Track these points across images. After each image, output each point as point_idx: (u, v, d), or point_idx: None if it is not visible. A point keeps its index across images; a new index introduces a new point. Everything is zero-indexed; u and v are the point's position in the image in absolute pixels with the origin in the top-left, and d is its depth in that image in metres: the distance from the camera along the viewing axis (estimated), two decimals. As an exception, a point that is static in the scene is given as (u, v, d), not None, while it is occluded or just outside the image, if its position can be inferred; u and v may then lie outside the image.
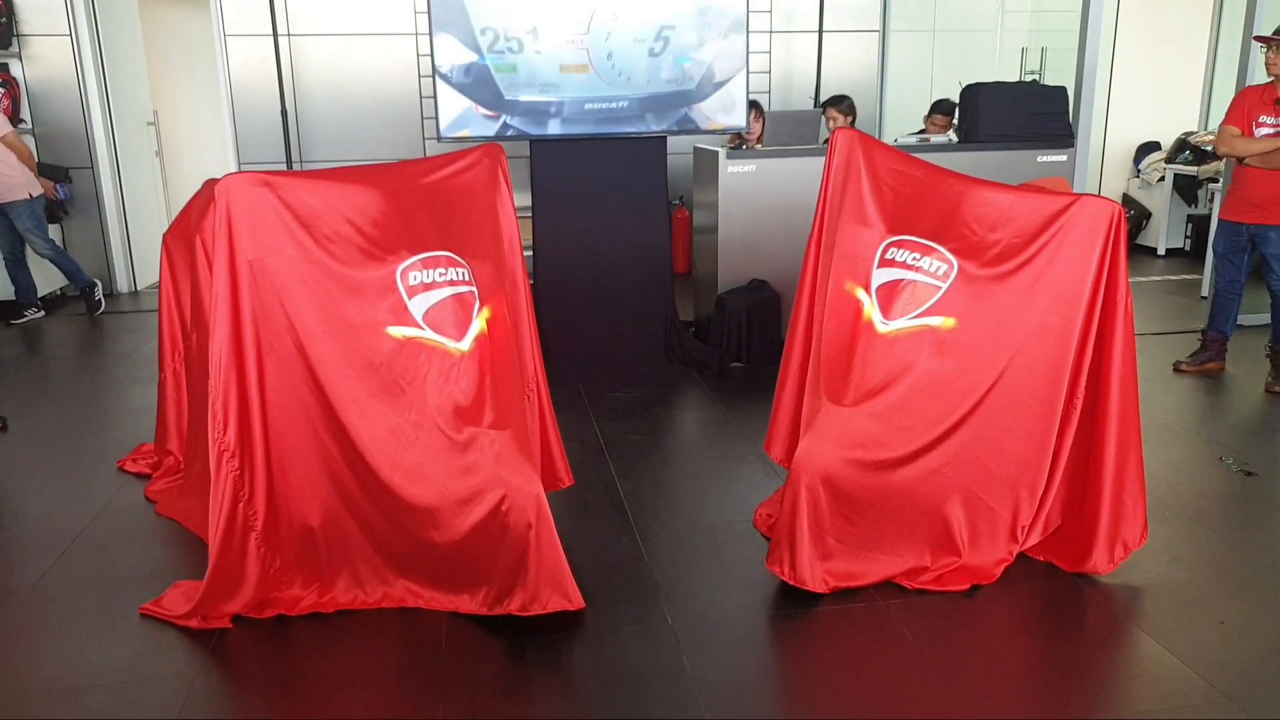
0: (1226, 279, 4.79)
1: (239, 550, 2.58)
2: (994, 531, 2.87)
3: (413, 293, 2.67)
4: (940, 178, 3.08)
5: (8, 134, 5.88)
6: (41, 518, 3.35)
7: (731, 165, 5.10)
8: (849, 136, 3.09)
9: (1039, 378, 2.82)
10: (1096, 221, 2.78)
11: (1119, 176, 8.47)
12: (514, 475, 2.53)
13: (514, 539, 2.51)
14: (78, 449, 4.00)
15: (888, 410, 2.81)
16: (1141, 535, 2.86)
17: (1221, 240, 4.78)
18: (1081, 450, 2.88)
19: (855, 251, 3.02)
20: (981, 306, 2.87)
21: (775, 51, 7.45)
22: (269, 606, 2.64)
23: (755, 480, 3.59)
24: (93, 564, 3.00)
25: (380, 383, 2.61)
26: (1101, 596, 2.77)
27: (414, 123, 7.07)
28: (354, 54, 6.93)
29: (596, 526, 3.23)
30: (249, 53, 6.81)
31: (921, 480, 2.77)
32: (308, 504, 2.65)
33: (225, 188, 2.54)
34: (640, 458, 3.86)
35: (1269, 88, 4.53)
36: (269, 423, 2.59)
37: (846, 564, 2.77)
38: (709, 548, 3.09)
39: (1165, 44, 8.22)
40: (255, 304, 2.55)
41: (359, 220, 2.69)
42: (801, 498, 2.68)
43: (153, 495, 3.46)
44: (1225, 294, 4.81)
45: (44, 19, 6.55)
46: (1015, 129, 5.37)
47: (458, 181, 2.97)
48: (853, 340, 2.93)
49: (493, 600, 2.59)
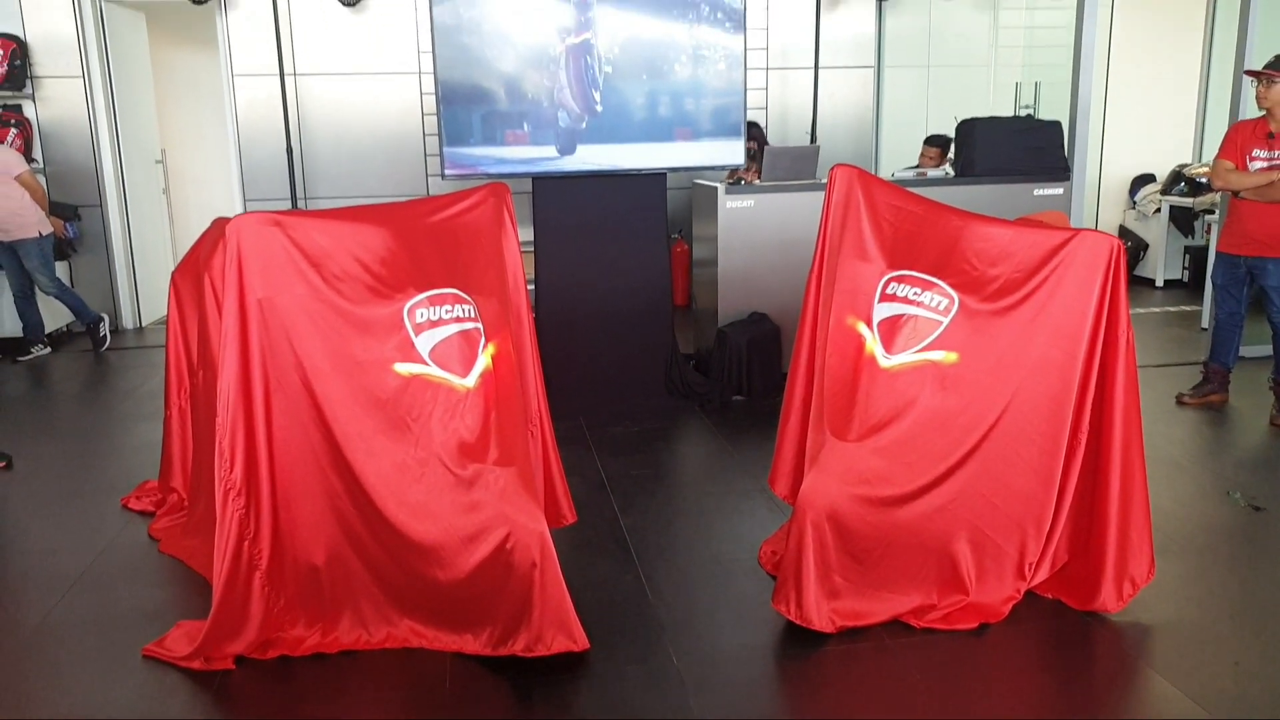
0: (1226, 311, 4.81)
1: (243, 589, 2.58)
2: (1001, 569, 2.86)
3: (419, 330, 2.69)
4: (939, 213, 3.11)
5: (23, 173, 5.94)
6: (45, 555, 3.34)
7: (730, 200, 5.14)
8: (848, 172, 3.12)
9: (1042, 412, 2.83)
10: (1096, 256, 2.80)
11: (1115, 209, 8.52)
12: (518, 513, 2.53)
13: (518, 578, 2.50)
14: (82, 486, 4.00)
15: (892, 446, 2.81)
16: (1149, 572, 2.85)
17: (1220, 273, 4.81)
18: (1087, 486, 2.88)
19: (856, 286, 3.04)
20: (983, 341, 2.88)
21: (771, 87, 7.55)
22: (272, 647, 2.63)
23: (759, 516, 3.59)
24: (96, 603, 2.99)
25: (387, 419, 2.61)
26: (1112, 635, 2.75)
27: (417, 161, 7.14)
28: (359, 93, 7.03)
29: (599, 564, 3.22)
30: (256, 92, 6.90)
31: (928, 517, 2.77)
32: (313, 542, 2.65)
33: (236, 227, 2.56)
34: (643, 493, 3.86)
35: (1261, 121, 4.58)
36: (275, 460, 2.59)
37: (853, 603, 2.76)
38: (713, 585, 3.08)
39: (1157, 78, 8.31)
40: (264, 342, 2.56)
41: (367, 259, 2.72)
42: (807, 535, 2.68)
43: (156, 533, 3.45)
44: (1226, 326, 4.82)
45: (58, 61, 6.65)
46: (1011, 163, 5.42)
47: (464, 220, 3.00)
48: (855, 375, 2.94)
49: (497, 641, 2.58)
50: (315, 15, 6.86)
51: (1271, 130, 4.52)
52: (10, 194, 5.90)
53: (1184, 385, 4.98)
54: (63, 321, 6.65)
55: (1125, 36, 8.12)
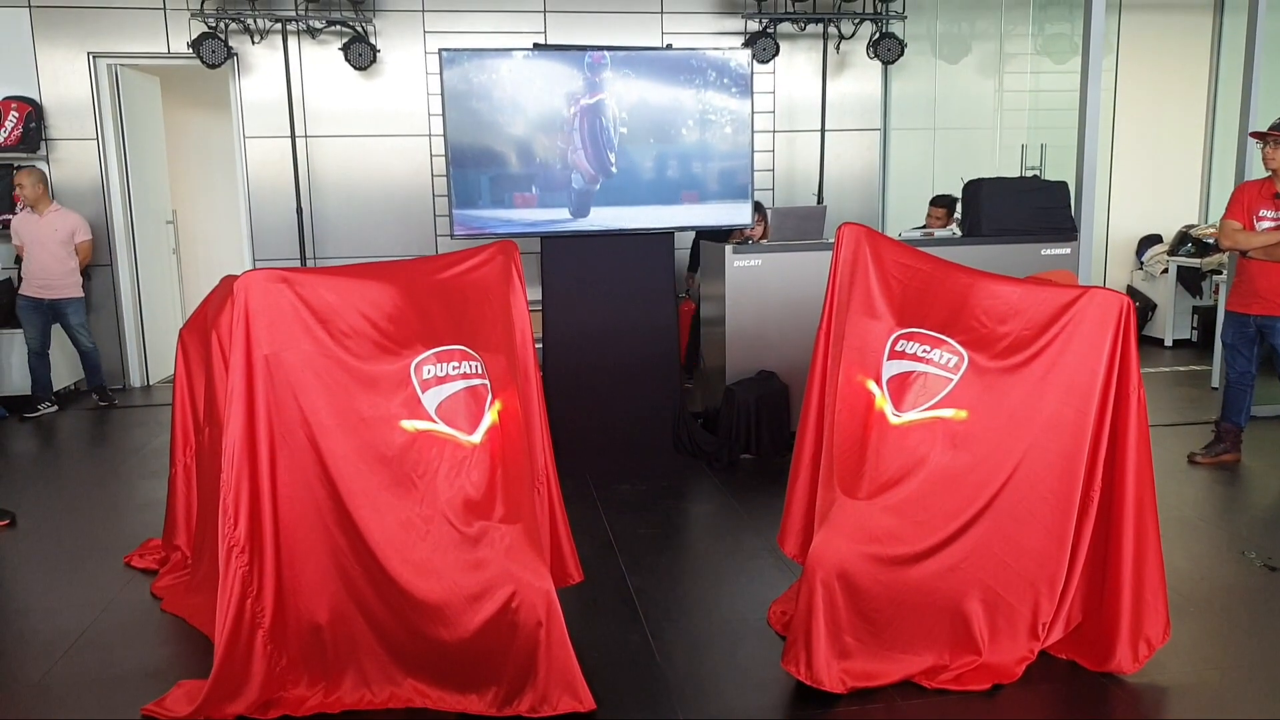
0: (1237, 370, 4.80)
1: (245, 648, 2.54)
2: (1014, 629, 2.81)
3: (426, 386, 2.69)
4: (947, 271, 3.12)
5: (86, 240, 6.38)
6: (47, 613, 3.31)
7: (738, 260, 5.18)
8: (855, 231, 3.14)
9: (1054, 471, 2.80)
10: (1106, 314, 2.80)
11: (1122, 268, 8.56)
12: (524, 571, 2.50)
13: (524, 637, 2.47)
14: (85, 544, 3.97)
15: (902, 504, 2.78)
16: (1165, 632, 2.80)
17: (1229, 331, 4.82)
18: (1100, 545, 2.84)
19: (865, 344, 3.04)
20: (993, 399, 2.86)
21: (778, 149, 7.65)
22: (274, 707, 2.58)
23: (768, 576, 3.54)
24: (96, 662, 2.95)
25: (392, 476, 2.60)
26: (1128, 697, 2.69)
27: (427, 221, 7.22)
28: (369, 154, 7.14)
29: (606, 624, 3.17)
30: (266, 153, 7.02)
31: (939, 576, 2.73)
32: (316, 600, 2.61)
33: (245, 284, 2.58)
34: (650, 552, 3.81)
35: (1267, 182, 4.62)
36: (280, 517, 2.57)
37: (864, 663, 2.71)
38: (722, 646, 3.03)
39: (1162, 139, 8.41)
40: (270, 398, 2.57)
41: (375, 315, 2.73)
42: (818, 594, 2.64)
43: (159, 591, 3.42)
44: (1237, 385, 4.81)
45: (72, 123, 6.78)
46: (1018, 223, 5.45)
47: (472, 277, 3.02)
48: (865, 432, 2.92)
49: (502, 701, 2.53)
50: (327, 79, 7.00)
51: (1278, 190, 4.55)
52: (68, 255, 6.27)
53: (1195, 444, 4.94)
54: (70, 380, 6.67)
55: (1129, 98, 8.23)
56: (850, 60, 7.62)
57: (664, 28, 7.34)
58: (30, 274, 6.22)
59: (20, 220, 6.27)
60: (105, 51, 6.79)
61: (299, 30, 6.85)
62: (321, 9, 6.76)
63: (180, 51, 6.71)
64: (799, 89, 7.62)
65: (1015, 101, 7.99)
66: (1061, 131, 6.18)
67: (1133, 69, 8.26)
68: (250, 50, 6.88)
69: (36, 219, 6.23)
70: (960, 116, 8.14)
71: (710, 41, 7.26)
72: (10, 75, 6.65)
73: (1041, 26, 7.88)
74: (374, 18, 6.89)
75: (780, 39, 7.16)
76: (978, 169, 6.28)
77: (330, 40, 6.92)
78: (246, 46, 6.85)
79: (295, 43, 6.89)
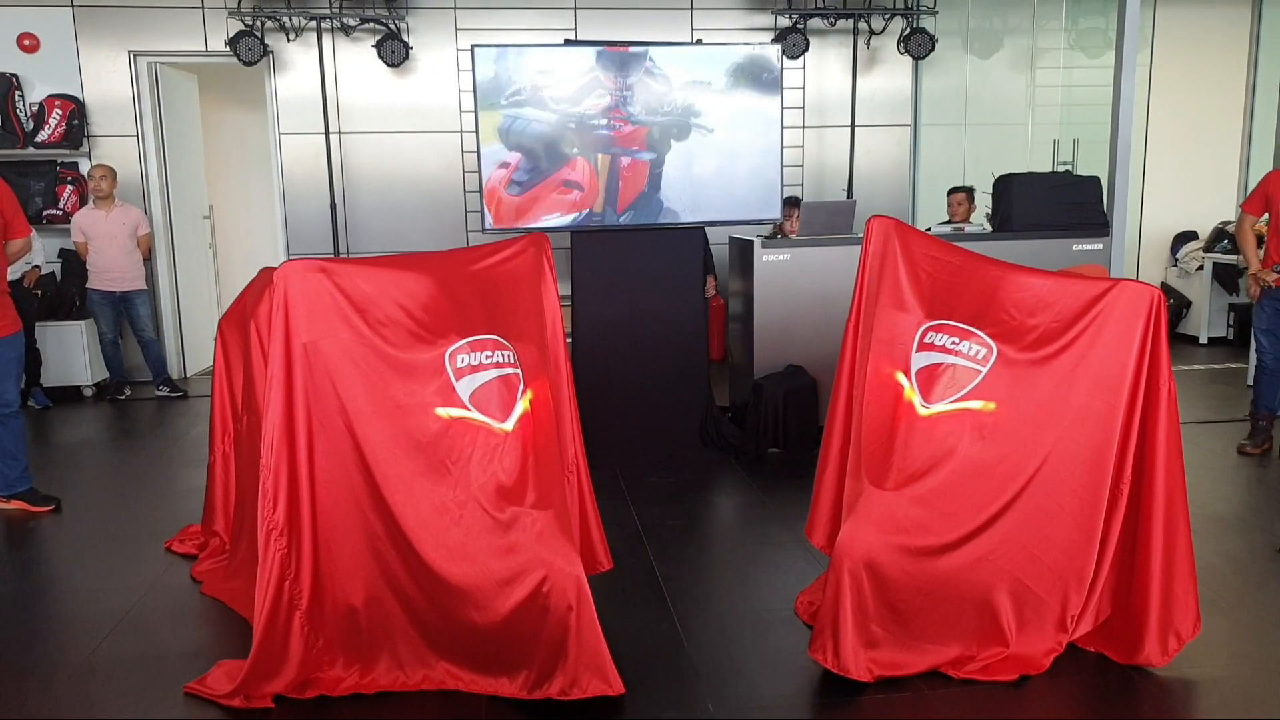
0: (1274, 355, 4.85)
1: (283, 629, 2.60)
2: (1042, 621, 2.82)
3: (460, 375, 2.74)
4: (977, 263, 3.12)
5: (148, 233, 6.61)
6: (91, 595, 3.40)
7: (766, 254, 5.19)
8: (884, 223, 3.15)
9: (1083, 463, 2.80)
10: (1136, 306, 2.80)
11: (1156, 265, 8.47)
12: (555, 556, 2.54)
13: (554, 621, 2.51)
14: (127, 529, 4.07)
15: (930, 495, 2.79)
16: (1195, 626, 2.79)
17: (1265, 317, 4.87)
18: (1129, 538, 2.83)
19: (894, 336, 3.05)
20: (1022, 391, 2.87)
21: (808, 145, 7.64)
22: (310, 687, 2.64)
23: (796, 567, 3.56)
24: (139, 642, 3.03)
25: (427, 462, 2.65)
26: (1157, 690, 2.69)
27: (458, 215, 7.30)
28: (401, 150, 7.22)
29: (635, 612, 3.21)
30: (301, 149, 7.13)
31: (967, 567, 2.74)
32: (352, 583, 2.67)
33: (284, 274, 2.64)
34: (678, 543, 3.85)
35: None
36: (317, 502, 2.63)
37: (891, 653, 2.73)
38: (749, 635, 3.05)
39: (1198, 134, 8.31)
40: (308, 385, 2.62)
41: (410, 305, 2.78)
42: (845, 584, 2.66)
43: (198, 575, 3.50)
44: (1274, 372, 4.87)
45: (114, 121, 6.94)
46: (1049, 218, 5.42)
47: (505, 268, 3.06)
48: (894, 423, 2.93)
49: (532, 684, 2.57)
50: (360, 76, 7.10)
51: None
52: (134, 249, 6.50)
53: (1230, 442, 4.92)
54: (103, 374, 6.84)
55: (1165, 92, 8.15)
56: (880, 56, 7.60)
57: (694, 23, 7.37)
58: (99, 268, 6.42)
59: (86, 216, 6.44)
60: (145, 50, 6.93)
61: (333, 28, 6.95)
62: (355, 7, 6.86)
63: (218, 49, 6.83)
64: (829, 84, 7.61)
65: (1047, 96, 7.94)
66: (1095, 127, 6.14)
67: (1168, 63, 8.17)
68: (285, 48, 6.99)
69: (103, 215, 6.41)
70: (991, 112, 8.10)
71: (740, 37, 7.27)
72: (55, 74, 6.81)
73: (1075, 20, 7.82)
74: (407, 15, 6.97)
75: (810, 34, 7.15)
76: (1009, 164, 6.25)
77: (364, 38, 7.01)
78: (282, 44, 6.96)
79: (329, 40, 6.99)
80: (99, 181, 6.36)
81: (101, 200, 6.41)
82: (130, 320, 6.59)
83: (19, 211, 4.25)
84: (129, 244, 6.47)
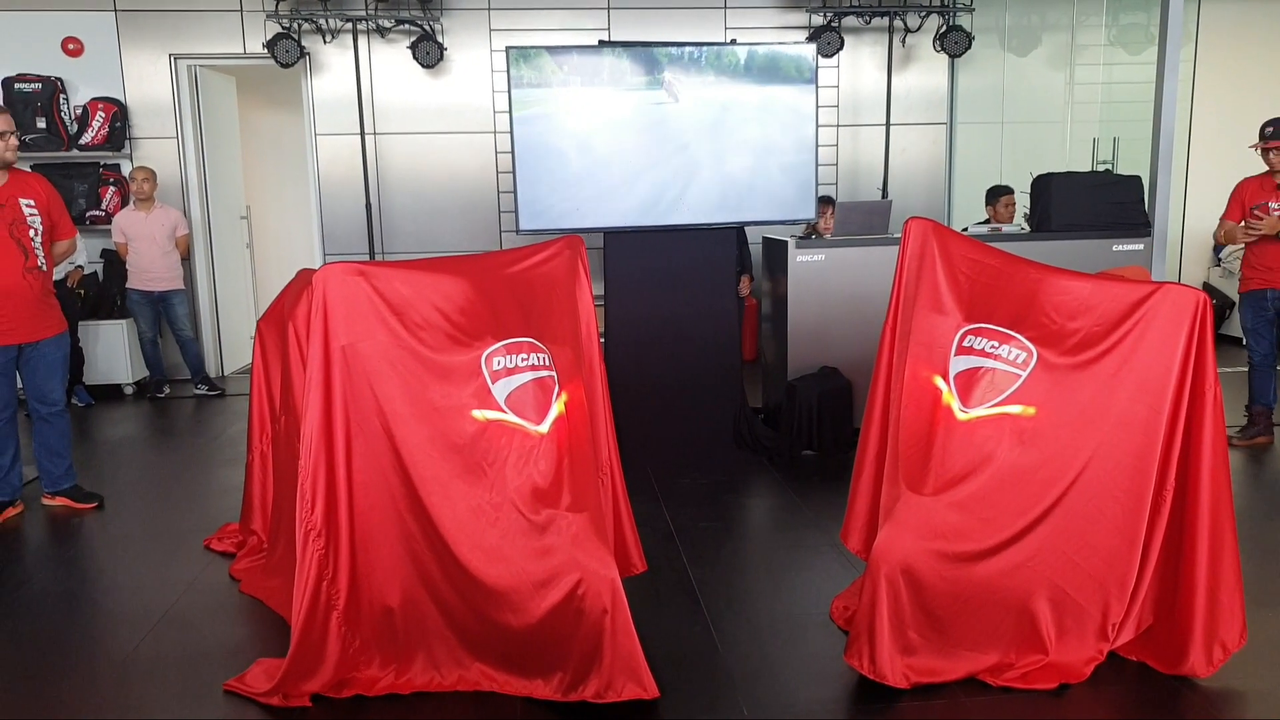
0: (1260, 353, 5.06)
1: (321, 629, 2.63)
2: (1083, 629, 2.77)
3: (496, 377, 2.75)
4: (1016, 266, 3.08)
5: (187, 234, 6.75)
6: (132, 592, 3.46)
7: (800, 255, 5.16)
8: (922, 225, 3.11)
9: (1125, 469, 2.75)
10: (1180, 310, 2.75)
11: (1199, 265, 8.32)
12: (590, 559, 2.54)
13: (589, 624, 2.51)
14: (167, 527, 4.13)
15: (969, 500, 2.76)
16: (1241, 636, 2.73)
17: (1249, 315, 5.09)
18: (1173, 545, 2.78)
19: (932, 339, 3.01)
20: (1063, 395, 2.82)
21: (842, 144, 7.59)
22: (347, 686, 2.66)
23: (831, 571, 3.54)
24: (180, 639, 3.07)
25: (463, 464, 2.66)
26: (1202, 700, 2.64)
27: (491, 216, 7.33)
28: (435, 150, 7.27)
29: (669, 614, 3.20)
30: (337, 150, 7.19)
31: (1006, 574, 2.70)
32: (388, 584, 2.69)
33: (323, 277, 2.66)
34: (712, 545, 3.84)
35: (1266, 177, 4.98)
36: (355, 503, 2.65)
37: (928, 659, 2.70)
38: (784, 639, 3.04)
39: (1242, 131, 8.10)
40: (347, 387, 2.64)
41: (447, 308, 2.79)
42: (881, 589, 2.64)
43: (237, 574, 3.54)
44: (1261, 367, 5.04)
45: (154, 123, 7.05)
46: (1089, 218, 5.35)
47: (540, 271, 3.07)
48: (932, 427, 2.90)
49: (567, 686, 2.58)
50: (395, 77, 7.15)
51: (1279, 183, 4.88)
52: (171, 250, 6.61)
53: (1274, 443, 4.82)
54: (143, 373, 6.95)
55: (1209, 89, 7.99)
56: (916, 54, 7.53)
57: (727, 22, 7.34)
58: (139, 268, 6.53)
59: (126, 217, 6.57)
60: (185, 53, 7.03)
61: (369, 29, 7.01)
62: (391, 8, 6.90)
63: (255, 52, 6.92)
64: (864, 83, 7.56)
65: (1087, 94, 7.82)
66: (1136, 125, 6.04)
67: (1212, 59, 8.01)
68: (322, 50, 7.05)
69: (143, 216, 6.53)
70: (1029, 110, 7.99)
71: (774, 36, 7.24)
72: (98, 77, 6.93)
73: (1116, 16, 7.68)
74: (441, 16, 7.02)
75: (845, 33, 7.11)
76: (1047, 163, 6.18)
77: (399, 39, 7.06)
78: (318, 46, 7.02)
79: (365, 42, 7.05)
80: (140, 184, 6.48)
81: (142, 202, 6.52)
82: (168, 320, 6.70)
83: (65, 213, 4.34)
84: (167, 245, 6.58)
